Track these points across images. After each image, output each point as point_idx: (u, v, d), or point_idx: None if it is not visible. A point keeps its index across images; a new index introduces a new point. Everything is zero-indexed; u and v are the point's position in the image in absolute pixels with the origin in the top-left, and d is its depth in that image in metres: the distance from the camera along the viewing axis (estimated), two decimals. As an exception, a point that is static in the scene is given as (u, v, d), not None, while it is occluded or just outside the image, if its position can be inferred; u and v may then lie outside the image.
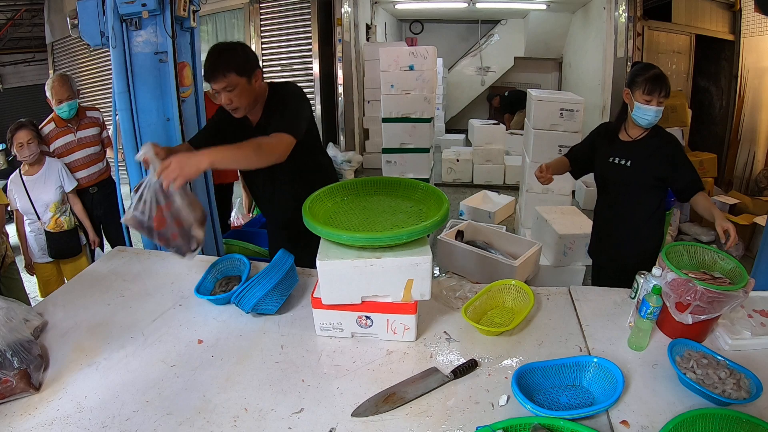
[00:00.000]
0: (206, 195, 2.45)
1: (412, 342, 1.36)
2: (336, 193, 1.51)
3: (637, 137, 1.86)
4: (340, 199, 1.50)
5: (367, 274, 1.25)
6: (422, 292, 1.28)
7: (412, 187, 1.51)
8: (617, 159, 1.88)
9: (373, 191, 1.54)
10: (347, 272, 1.25)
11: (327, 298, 1.30)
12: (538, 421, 0.99)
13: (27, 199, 2.46)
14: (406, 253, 1.25)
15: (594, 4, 6.04)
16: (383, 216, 1.40)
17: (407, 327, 1.32)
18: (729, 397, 1.07)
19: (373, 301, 1.30)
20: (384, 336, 1.35)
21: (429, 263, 1.24)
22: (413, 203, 1.47)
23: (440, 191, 1.44)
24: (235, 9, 5.55)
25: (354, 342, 1.36)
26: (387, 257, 1.24)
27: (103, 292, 1.67)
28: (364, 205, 1.48)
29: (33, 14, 6.43)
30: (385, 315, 1.31)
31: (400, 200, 1.50)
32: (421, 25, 8.71)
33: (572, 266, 3.07)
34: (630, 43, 4.80)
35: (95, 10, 1.97)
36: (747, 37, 4.90)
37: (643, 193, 1.88)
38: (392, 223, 1.35)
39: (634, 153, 1.85)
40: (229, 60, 1.50)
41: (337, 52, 5.43)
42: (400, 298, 1.28)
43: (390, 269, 1.24)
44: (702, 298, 1.23)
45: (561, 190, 3.81)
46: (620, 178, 1.89)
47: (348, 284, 1.27)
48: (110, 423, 1.09)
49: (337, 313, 1.33)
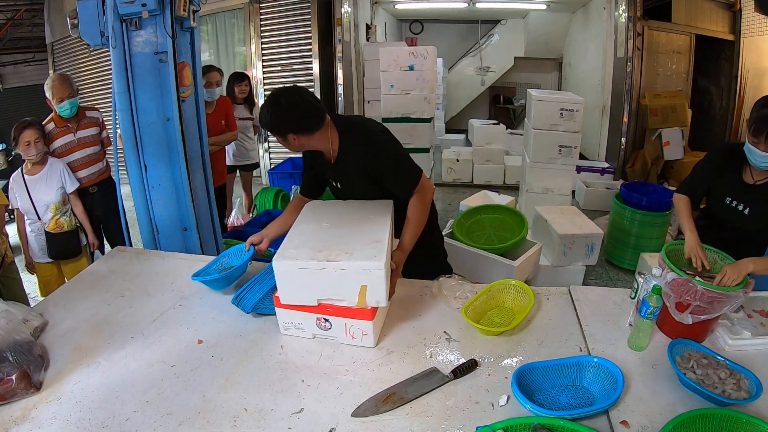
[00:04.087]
0: (206, 195, 2.45)
1: (406, 342, 1.35)
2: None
3: (758, 181, 1.62)
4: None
5: (321, 277, 1.25)
6: (377, 299, 1.27)
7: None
8: (734, 202, 1.67)
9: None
10: (301, 274, 1.26)
11: (284, 298, 1.32)
12: (538, 421, 0.99)
13: (28, 199, 2.45)
14: (359, 258, 1.25)
15: (594, 4, 6.04)
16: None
17: (365, 332, 1.31)
18: (729, 397, 1.07)
19: (331, 304, 1.30)
20: (343, 339, 1.34)
21: (381, 270, 1.23)
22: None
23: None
24: (235, 9, 5.55)
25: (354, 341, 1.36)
26: (340, 262, 1.24)
27: (103, 292, 1.67)
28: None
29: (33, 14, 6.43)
30: (343, 319, 1.31)
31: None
32: (421, 25, 8.71)
33: (572, 266, 3.07)
34: (630, 43, 4.80)
35: (95, 10, 1.97)
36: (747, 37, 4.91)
37: (756, 238, 1.67)
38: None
39: (753, 198, 1.62)
40: (262, 116, 1.48)
41: (337, 52, 5.43)
42: (355, 303, 1.27)
43: (343, 274, 1.25)
44: (702, 298, 1.23)
45: (561, 190, 3.81)
46: (735, 221, 1.67)
47: (303, 286, 1.28)
48: (110, 423, 1.09)
49: (298, 313, 1.34)
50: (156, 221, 2.23)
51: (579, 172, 4.72)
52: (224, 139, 3.26)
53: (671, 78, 5.16)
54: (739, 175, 1.66)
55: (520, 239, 2.61)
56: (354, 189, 1.65)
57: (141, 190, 2.19)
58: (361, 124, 1.66)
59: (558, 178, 3.77)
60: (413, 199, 1.57)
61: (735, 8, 5.01)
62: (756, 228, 1.65)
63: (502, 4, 7.16)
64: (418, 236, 1.56)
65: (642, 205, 3.26)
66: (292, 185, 3.80)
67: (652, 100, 4.90)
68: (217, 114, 3.15)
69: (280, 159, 5.44)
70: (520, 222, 2.70)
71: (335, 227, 1.42)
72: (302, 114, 1.46)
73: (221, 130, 3.21)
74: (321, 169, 1.69)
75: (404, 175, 1.58)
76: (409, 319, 1.46)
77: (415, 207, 1.56)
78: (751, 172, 1.63)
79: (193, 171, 2.28)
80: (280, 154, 5.68)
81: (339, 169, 1.62)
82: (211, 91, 3.09)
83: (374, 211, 1.52)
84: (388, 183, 1.59)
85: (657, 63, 5.05)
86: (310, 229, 1.42)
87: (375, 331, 1.32)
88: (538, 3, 6.70)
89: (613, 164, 5.08)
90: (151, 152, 2.14)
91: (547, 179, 3.80)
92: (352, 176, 1.61)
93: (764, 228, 1.64)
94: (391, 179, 1.58)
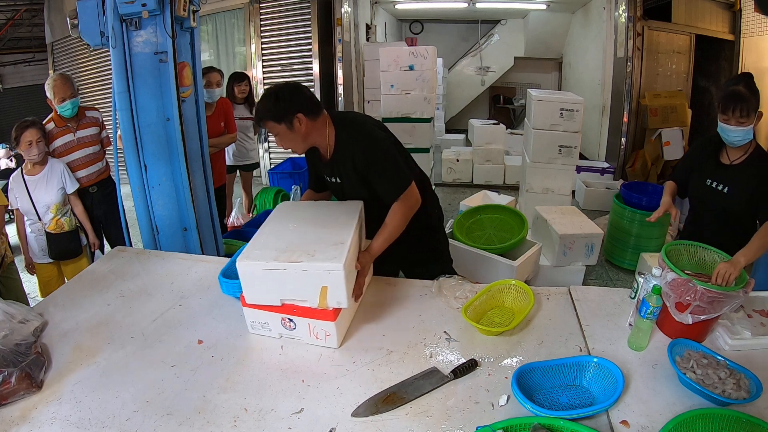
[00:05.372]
0: (206, 195, 2.45)
1: (406, 342, 1.35)
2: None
3: (734, 161, 1.70)
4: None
5: (283, 277, 1.27)
6: (338, 300, 1.28)
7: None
8: (714, 183, 1.74)
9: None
10: (264, 274, 1.28)
11: (249, 298, 1.33)
12: (538, 421, 0.99)
13: (28, 199, 2.45)
14: (319, 259, 1.26)
15: (594, 4, 6.04)
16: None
17: (328, 333, 1.32)
18: (729, 397, 1.07)
19: (294, 304, 1.31)
20: (308, 340, 1.35)
21: (341, 271, 1.24)
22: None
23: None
24: (235, 9, 5.55)
25: (354, 342, 1.36)
26: (301, 263, 1.25)
27: (103, 292, 1.67)
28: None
29: (33, 14, 6.43)
30: (306, 319, 1.32)
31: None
32: (421, 25, 8.71)
33: (572, 266, 3.07)
34: (630, 43, 4.80)
35: (95, 10, 1.97)
36: (747, 37, 4.90)
37: (742, 218, 1.73)
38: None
39: (731, 177, 1.70)
40: (265, 108, 1.48)
41: (337, 52, 5.42)
42: (317, 304, 1.28)
43: (304, 275, 1.26)
44: (702, 298, 1.23)
45: (561, 190, 3.81)
46: (717, 202, 1.75)
47: (266, 286, 1.29)
48: (110, 423, 1.09)
49: (264, 313, 1.35)
50: (156, 221, 2.22)
51: (579, 172, 4.72)
52: (223, 141, 3.25)
53: (671, 78, 5.16)
54: (716, 159, 1.77)
55: (520, 239, 2.61)
56: (350, 185, 1.64)
57: (141, 190, 2.18)
58: (357, 119, 1.67)
59: (558, 178, 3.77)
60: (395, 205, 1.55)
61: (735, 8, 5.00)
62: (737, 205, 1.71)
63: (502, 4, 7.16)
64: (389, 243, 1.55)
65: (642, 205, 3.26)
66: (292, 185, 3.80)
67: (652, 100, 4.90)
68: (216, 116, 3.15)
69: (280, 159, 5.44)
70: (520, 222, 2.70)
71: (301, 228, 1.44)
72: (309, 94, 1.51)
73: (221, 132, 3.21)
74: (318, 166, 1.70)
75: (391, 179, 1.56)
76: (409, 319, 1.46)
77: (395, 214, 1.54)
78: (728, 153, 1.74)
79: (193, 171, 2.28)
80: (280, 154, 5.68)
81: (335, 165, 1.62)
82: (210, 92, 3.09)
83: (342, 212, 1.53)
84: (374, 183, 1.57)
85: (657, 63, 5.05)
86: (277, 230, 1.44)
87: (338, 331, 1.32)
88: (538, 3, 6.70)
89: (613, 164, 5.08)
90: (151, 152, 2.13)
91: (547, 179, 3.80)
92: (347, 172, 1.60)
93: (746, 205, 1.69)
94: (377, 180, 1.56)
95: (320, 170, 1.71)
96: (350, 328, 1.42)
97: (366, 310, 1.52)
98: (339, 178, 1.66)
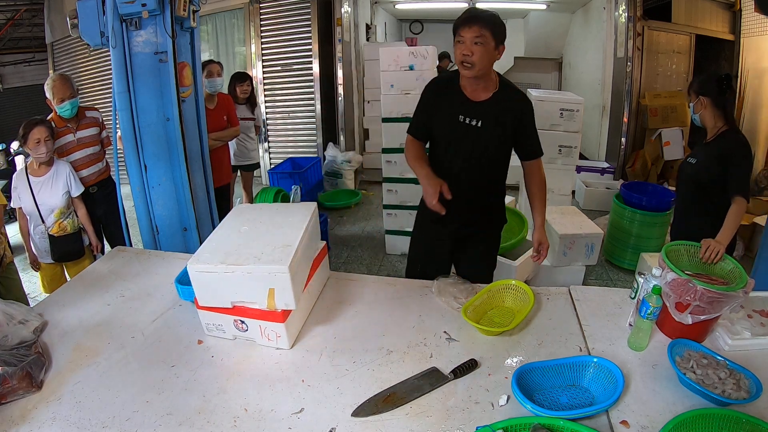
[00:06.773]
0: (206, 196, 2.45)
1: (406, 342, 1.35)
2: None
3: (709, 139, 1.89)
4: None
5: (232, 280, 1.28)
6: (286, 302, 1.29)
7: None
8: (689, 158, 1.91)
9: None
10: (213, 277, 1.29)
11: (201, 300, 1.35)
12: (538, 421, 0.99)
13: (32, 202, 2.39)
14: (265, 261, 1.27)
15: (594, 4, 6.04)
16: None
17: (278, 335, 1.33)
18: (729, 397, 1.07)
19: (245, 307, 1.32)
20: (260, 341, 1.36)
21: (286, 274, 1.25)
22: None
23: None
24: (235, 9, 5.55)
25: (354, 342, 1.36)
26: (247, 266, 1.26)
27: (103, 292, 1.67)
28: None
29: (33, 14, 6.43)
30: (257, 321, 1.33)
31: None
32: (421, 25, 8.71)
33: (572, 266, 3.07)
34: (630, 43, 4.80)
35: (95, 10, 1.97)
36: (747, 37, 4.90)
37: (710, 190, 1.91)
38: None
39: (703, 152, 1.88)
40: (493, 19, 1.57)
41: (337, 52, 5.42)
42: (266, 306, 1.29)
43: (251, 277, 1.27)
44: (702, 298, 1.23)
45: (561, 190, 3.81)
46: (689, 174, 1.96)
47: (217, 289, 1.31)
48: (110, 423, 1.09)
49: (217, 315, 1.36)
50: (156, 221, 2.23)
51: (579, 172, 4.72)
52: (227, 135, 3.27)
53: (671, 78, 5.16)
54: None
55: (520, 239, 2.61)
56: (492, 133, 1.68)
57: (141, 190, 2.19)
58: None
59: (558, 178, 3.77)
60: (536, 171, 1.83)
61: (735, 8, 5.00)
62: (704, 178, 1.90)
63: (502, 4, 7.15)
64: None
65: (642, 205, 3.27)
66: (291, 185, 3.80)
67: (651, 100, 4.90)
68: (219, 110, 3.17)
69: (280, 159, 5.45)
70: (520, 222, 2.70)
71: (252, 231, 1.45)
72: (502, 24, 1.65)
73: (224, 126, 3.22)
74: (452, 108, 1.70)
75: (537, 140, 1.80)
76: (409, 319, 1.47)
77: (540, 168, 1.83)
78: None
79: (193, 171, 2.28)
80: (280, 154, 5.69)
81: (486, 108, 1.66)
82: (212, 81, 3.10)
83: (294, 214, 1.54)
84: (522, 138, 1.75)
85: (657, 63, 5.05)
86: (228, 233, 1.46)
87: (288, 333, 1.33)
88: (538, 3, 6.70)
89: (613, 164, 5.08)
90: (151, 152, 2.14)
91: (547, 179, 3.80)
92: (503, 120, 1.67)
93: (713, 179, 1.86)
94: (528, 136, 1.76)
95: (454, 110, 1.69)
96: (350, 327, 1.43)
97: (365, 310, 1.52)
98: (482, 122, 1.67)
